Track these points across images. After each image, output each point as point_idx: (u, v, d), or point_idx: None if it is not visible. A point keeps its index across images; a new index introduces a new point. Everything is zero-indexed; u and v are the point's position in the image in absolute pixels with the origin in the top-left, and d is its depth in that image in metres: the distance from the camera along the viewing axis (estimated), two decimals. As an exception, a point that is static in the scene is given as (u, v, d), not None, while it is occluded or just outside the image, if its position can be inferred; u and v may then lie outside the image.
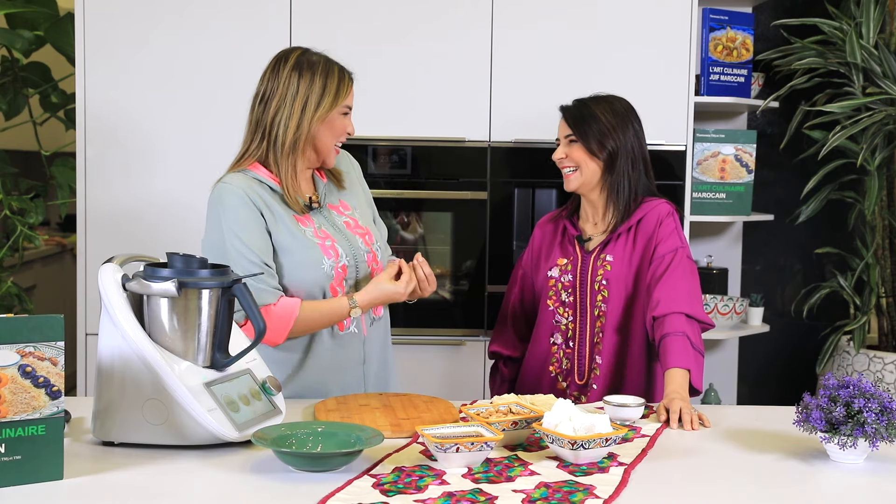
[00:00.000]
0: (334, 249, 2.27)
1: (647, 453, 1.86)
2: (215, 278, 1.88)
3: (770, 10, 4.10)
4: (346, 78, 2.32)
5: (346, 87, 2.31)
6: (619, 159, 2.46)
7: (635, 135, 2.49)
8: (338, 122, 2.31)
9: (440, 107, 3.44)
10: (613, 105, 2.50)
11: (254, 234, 2.21)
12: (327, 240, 2.28)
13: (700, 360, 2.27)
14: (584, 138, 2.46)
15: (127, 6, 3.38)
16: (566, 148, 2.50)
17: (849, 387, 1.82)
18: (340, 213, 2.37)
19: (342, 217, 2.36)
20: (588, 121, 2.47)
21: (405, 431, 1.93)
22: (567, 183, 2.50)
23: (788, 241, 4.17)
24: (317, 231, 2.28)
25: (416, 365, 3.47)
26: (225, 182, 2.25)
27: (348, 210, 2.39)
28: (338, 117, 2.31)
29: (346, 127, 2.33)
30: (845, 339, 3.79)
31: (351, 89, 2.32)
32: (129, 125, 3.41)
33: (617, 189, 2.46)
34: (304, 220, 2.28)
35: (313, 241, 2.26)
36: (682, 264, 2.39)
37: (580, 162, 2.47)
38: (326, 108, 2.27)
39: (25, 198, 3.85)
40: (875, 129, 3.62)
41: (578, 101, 2.54)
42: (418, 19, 3.43)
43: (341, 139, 2.34)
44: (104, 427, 1.83)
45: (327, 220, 2.33)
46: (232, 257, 2.19)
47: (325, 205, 2.35)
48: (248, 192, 2.23)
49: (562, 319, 2.50)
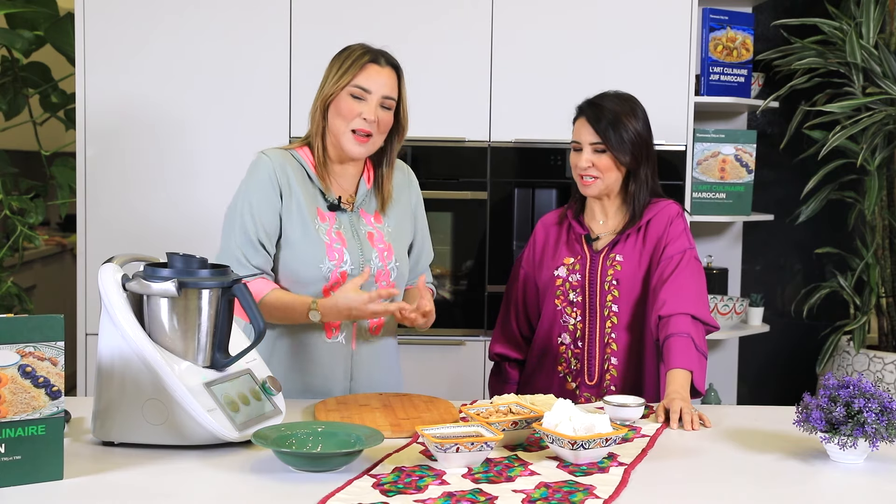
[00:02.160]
0: (340, 254, 2.23)
1: (647, 453, 1.86)
2: (215, 278, 1.88)
3: (770, 10, 4.10)
4: (360, 57, 2.20)
5: (356, 66, 2.19)
6: (644, 168, 2.43)
7: (652, 138, 2.46)
8: (344, 103, 2.19)
9: (440, 107, 3.44)
10: (635, 110, 2.42)
11: (264, 213, 2.20)
12: (337, 242, 2.23)
13: (703, 363, 2.26)
14: (614, 150, 2.38)
15: (127, 6, 3.38)
16: (592, 156, 2.40)
17: (849, 387, 1.82)
18: (370, 222, 2.29)
19: (369, 227, 2.29)
20: (618, 129, 2.38)
21: (405, 431, 1.93)
22: (586, 189, 2.43)
23: (788, 241, 4.17)
24: (331, 230, 2.24)
25: (416, 365, 3.47)
26: (264, 153, 2.26)
27: (380, 223, 2.31)
28: (345, 98, 2.20)
29: (355, 111, 2.19)
30: (845, 339, 3.79)
31: (363, 69, 2.19)
32: (130, 125, 3.41)
33: (634, 195, 2.43)
34: (326, 216, 2.25)
35: (321, 239, 2.22)
36: (690, 265, 2.38)
37: (606, 171, 2.41)
38: (332, 86, 2.20)
39: (25, 198, 3.85)
40: (875, 129, 3.62)
41: (601, 106, 2.42)
42: (418, 19, 3.43)
43: (354, 125, 2.20)
44: (104, 427, 1.83)
45: (350, 224, 2.27)
46: (235, 225, 2.20)
47: (357, 209, 2.29)
48: (279, 169, 2.22)
49: (570, 319, 2.48)
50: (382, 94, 2.21)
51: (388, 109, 2.23)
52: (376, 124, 2.21)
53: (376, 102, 2.20)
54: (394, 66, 2.25)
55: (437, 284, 2.37)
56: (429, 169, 3.46)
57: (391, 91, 2.22)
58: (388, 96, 2.22)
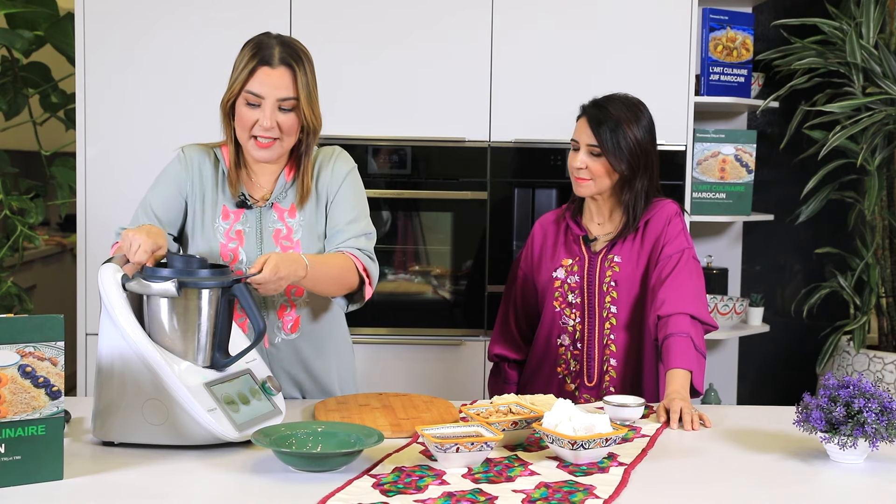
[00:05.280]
0: (235, 253, 2.19)
1: (647, 453, 1.86)
2: (215, 278, 1.88)
3: (770, 10, 4.10)
4: (250, 61, 2.09)
5: (245, 71, 2.09)
6: (640, 179, 2.41)
7: (656, 148, 2.44)
8: (241, 111, 2.11)
9: (440, 107, 3.44)
10: (639, 117, 2.40)
11: (162, 193, 2.20)
12: (233, 242, 2.20)
13: (702, 362, 2.26)
14: (610, 155, 2.36)
15: (127, 6, 3.38)
16: (588, 158, 2.39)
17: (849, 387, 1.82)
18: (282, 217, 2.21)
19: (279, 223, 2.20)
20: (617, 136, 2.36)
21: (405, 431, 1.93)
22: (579, 188, 2.42)
23: (788, 241, 4.17)
24: (231, 229, 2.20)
25: (416, 365, 3.47)
26: (182, 150, 2.26)
27: (294, 218, 2.21)
28: (241, 105, 2.11)
29: (251, 118, 2.09)
30: (845, 339, 3.79)
31: (253, 74, 2.08)
32: (129, 125, 3.41)
33: (628, 204, 2.41)
34: (231, 214, 2.21)
35: (217, 238, 2.20)
36: (688, 265, 2.38)
37: (598, 175, 2.39)
38: (227, 92, 2.12)
39: (25, 198, 3.85)
40: (875, 129, 3.62)
41: (604, 108, 2.39)
42: (419, 19, 3.43)
43: (254, 132, 2.11)
44: (104, 427, 1.83)
45: (256, 221, 2.21)
46: (140, 210, 2.19)
47: (270, 203, 2.21)
48: (192, 162, 2.22)
49: (569, 321, 2.48)
50: (277, 98, 2.09)
51: (288, 111, 2.11)
52: (277, 129, 2.11)
53: (272, 107, 2.09)
54: (288, 64, 2.11)
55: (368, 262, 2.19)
56: (429, 169, 3.46)
57: (287, 92, 2.10)
58: (284, 98, 2.10)
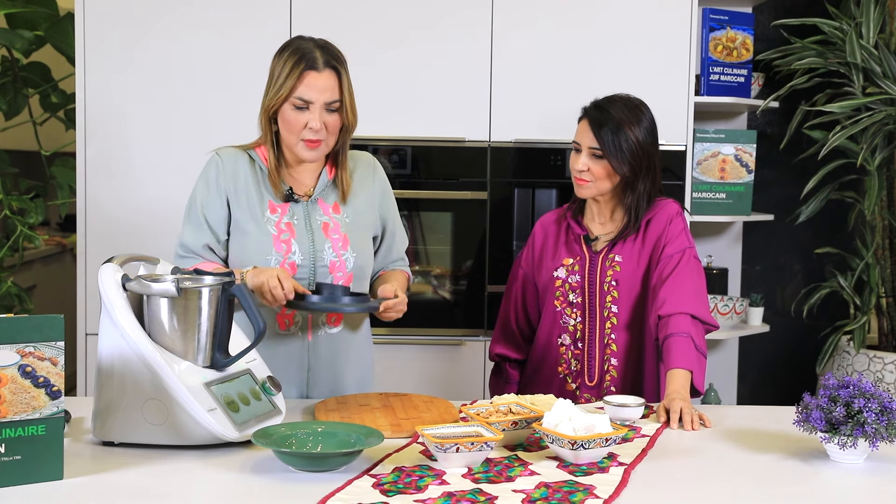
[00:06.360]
0: (288, 245, 2.23)
1: (647, 453, 1.86)
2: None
3: (770, 10, 4.10)
4: (296, 65, 2.16)
5: (293, 77, 2.15)
6: (642, 181, 2.40)
7: (658, 149, 2.43)
8: (289, 115, 2.18)
9: (440, 107, 3.44)
10: (640, 119, 2.39)
11: (209, 203, 2.25)
12: (286, 233, 2.24)
13: (702, 362, 2.26)
14: (612, 158, 2.36)
15: (126, 6, 3.38)
16: (589, 160, 2.38)
17: (849, 387, 1.82)
18: (327, 212, 2.28)
19: (325, 217, 2.28)
20: (618, 138, 2.35)
21: (405, 431, 1.93)
22: (580, 190, 2.42)
23: (788, 241, 4.17)
24: (280, 222, 2.24)
25: (416, 365, 3.47)
26: (215, 152, 2.29)
27: (338, 213, 2.30)
28: (289, 110, 2.18)
29: (300, 122, 2.17)
30: (845, 339, 3.79)
31: (301, 79, 2.15)
32: (129, 125, 3.41)
33: (630, 206, 2.41)
34: (278, 208, 2.25)
35: (269, 231, 2.23)
36: (689, 264, 2.37)
37: (599, 177, 2.39)
38: (272, 98, 2.18)
39: (25, 198, 3.85)
40: (875, 129, 3.62)
41: (605, 110, 2.39)
42: (419, 19, 3.43)
43: (303, 136, 2.19)
44: (104, 427, 1.83)
45: (304, 215, 2.27)
46: (192, 218, 2.26)
47: (315, 199, 2.28)
48: (228, 166, 2.26)
49: (569, 320, 2.48)
50: (324, 102, 2.17)
51: (333, 112, 2.20)
52: (324, 130, 2.19)
53: (320, 110, 2.17)
54: (333, 67, 2.19)
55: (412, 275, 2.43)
56: (429, 169, 3.46)
57: (333, 95, 2.18)
58: (331, 101, 2.18)
